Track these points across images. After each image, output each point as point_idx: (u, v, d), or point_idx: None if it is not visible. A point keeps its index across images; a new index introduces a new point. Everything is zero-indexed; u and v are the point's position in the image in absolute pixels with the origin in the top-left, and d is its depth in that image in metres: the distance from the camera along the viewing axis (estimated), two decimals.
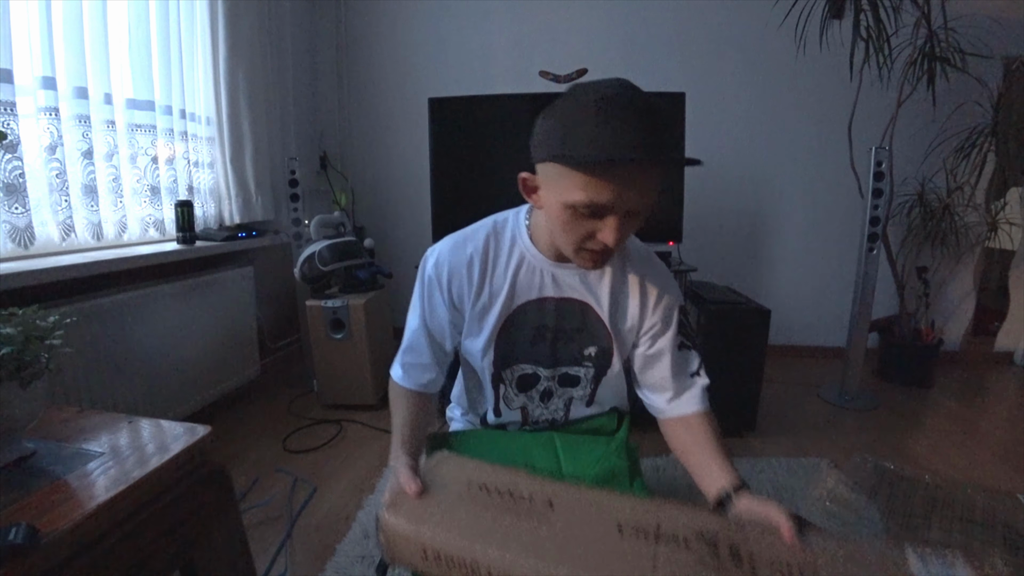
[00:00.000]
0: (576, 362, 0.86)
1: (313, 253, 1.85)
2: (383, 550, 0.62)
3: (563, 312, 0.83)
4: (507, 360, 0.86)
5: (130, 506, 0.62)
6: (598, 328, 0.84)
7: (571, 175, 0.64)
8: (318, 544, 1.19)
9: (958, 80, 2.04)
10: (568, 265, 0.81)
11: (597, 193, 0.63)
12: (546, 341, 0.84)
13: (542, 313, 0.83)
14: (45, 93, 1.27)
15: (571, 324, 0.84)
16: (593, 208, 0.65)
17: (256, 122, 1.99)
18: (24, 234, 1.23)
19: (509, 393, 0.90)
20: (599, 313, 0.83)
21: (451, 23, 2.48)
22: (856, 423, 1.85)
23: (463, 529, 0.58)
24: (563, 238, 0.71)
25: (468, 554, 0.56)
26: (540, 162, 0.69)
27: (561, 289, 0.82)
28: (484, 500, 0.62)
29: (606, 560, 0.55)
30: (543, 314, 0.83)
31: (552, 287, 0.82)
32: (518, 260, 0.83)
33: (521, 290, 0.83)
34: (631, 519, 0.59)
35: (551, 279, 0.82)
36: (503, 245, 0.84)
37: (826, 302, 2.53)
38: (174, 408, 1.57)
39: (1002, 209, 2.29)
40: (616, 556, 0.55)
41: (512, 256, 0.83)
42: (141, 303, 1.45)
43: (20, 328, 0.65)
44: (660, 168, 0.65)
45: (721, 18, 2.35)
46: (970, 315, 2.49)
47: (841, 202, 2.37)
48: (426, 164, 1.86)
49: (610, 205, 0.64)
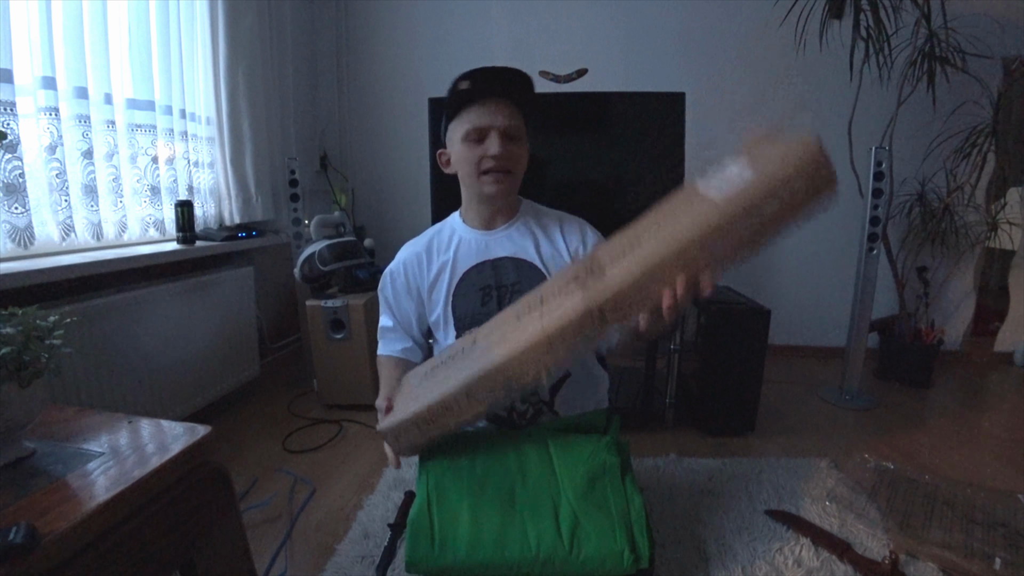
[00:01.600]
0: None
1: (313, 253, 1.85)
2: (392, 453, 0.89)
3: (499, 270, 1.01)
4: (463, 322, 1.02)
5: (130, 506, 0.62)
6: (534, 275, 1.00)
7: (458, 122, 0.96)
8: (318, 544, 1.19)
9: (958, 80, 2.04)
10: (495, 231, 1.04)
11: (475, 118, 0.93)
12: (493, 300, 1.00)
13: (482, 275, 1.02)
14: (45, 93, 1.27)
15: (508, 279, 1.01)
16: (477, 131, 0.93)
17: (256, 122, 1.99)
18: (24, 234, 1.23)
19: None
20: (531, 262, 1.01)
21: (451, 23, 2.48)
22: (856, 423, 1.85)
23: (429, 393, 0.80)
24: (469, 171, 0.97)
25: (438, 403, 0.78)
26: (445, 136, 1.01)
27: (493, 251, 1.03)
28: (434, 373, 0.86)
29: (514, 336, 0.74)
30: (483, 276, 1.01)
31: (486, 252, 1.03)
32: (457, 240, 1.05)
33: (461, 261, 1.03)
34: (524, 308, 0.79)
35: (484, 246, 1.03)
36: (444, 234, 1.08)
37: (826, 302, 2.53)
38: (174, 408, 1.57)
39: (1002, 209, 2.29)
40: (519, 329, 0.75)
41: (452, 239, 1.06)
42: (141, 303, 1.45)
43: (20, 328, 0.65)
44: (508, 97, 0.94)
45: (721, 18, 2.35)
46: (970, 315, 2.49)
47: (841, 202, 2.35)
48: (426, 164, 1.85)
49: (486, 126, 0.93)
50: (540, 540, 0.79)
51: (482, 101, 0.93)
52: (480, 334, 0.83)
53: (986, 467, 1.54)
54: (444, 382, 0.79)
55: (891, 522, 1.19)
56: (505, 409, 1.01)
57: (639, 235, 0.71)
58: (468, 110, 0.94)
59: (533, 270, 1.00)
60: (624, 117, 1.81)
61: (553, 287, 0.77)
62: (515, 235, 1.03)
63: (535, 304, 0.77)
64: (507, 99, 0.95)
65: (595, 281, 0.69)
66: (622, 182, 1.82)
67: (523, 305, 0.79)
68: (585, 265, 0.74)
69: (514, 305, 0.82)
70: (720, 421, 1.74)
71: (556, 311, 0.71)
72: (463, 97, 0.94)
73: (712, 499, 1.33)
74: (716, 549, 1.14)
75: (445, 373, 0.81)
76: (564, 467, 0.86)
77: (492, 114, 0.93)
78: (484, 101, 0.93)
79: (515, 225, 1.05)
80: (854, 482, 1.38)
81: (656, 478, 1.43)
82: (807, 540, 1.15)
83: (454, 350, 0.86)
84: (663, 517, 1.25)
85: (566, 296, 0.71)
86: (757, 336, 1.67)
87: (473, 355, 0.78)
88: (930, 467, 1.52)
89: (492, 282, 1.01)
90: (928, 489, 1.33)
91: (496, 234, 1.04)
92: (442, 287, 1.04)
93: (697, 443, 1.67)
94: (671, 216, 0.69)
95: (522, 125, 0.97)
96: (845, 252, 2.39)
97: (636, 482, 0.87)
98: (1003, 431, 1.80)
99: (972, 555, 1.07)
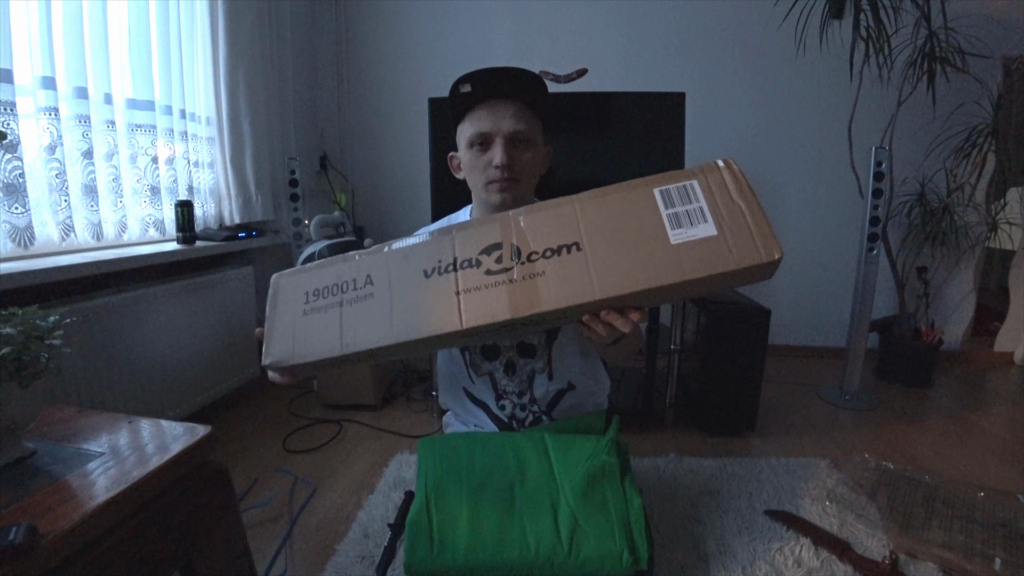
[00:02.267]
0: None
1: (313, 253, 1.85)
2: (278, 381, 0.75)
3: None
4: None
5: (130, 506, 0.62)
6: None
7: (463, 126, 0.91)
8: (318, 544, 1.19)
9: (958, 80, 2.04)
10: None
11: (478, 123, 0.88)
12: None
13: None
14: (45, 93, 1.27)
15: None
16: (482, 137, 0.88)
17: (256, 122, 1.98)
18: (24, 234, 1.23)
19: (476, 359, 1.01)
20: None
21: (451, 23, 2.48)
22: (856, 423, 1.85)
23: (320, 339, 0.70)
24: (476, 178, 0.92)
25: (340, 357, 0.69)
26: (457, 141, 0.95)
27: None
28: (326, 307, 0.72)
29: (422, 302, 0.67)
30: None
31: None
32: None
33: None
34: (433, 263, 0.70)
35: None
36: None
37: (826, 302, 2.53)
38: (174, 408, 1.57)
39: (1002, 209, 2.29)
40: (427, 293, 0.68)
41: None
42: (141, 303, 1.45)
43: (20, 328, 0.65)
44: (515, 99, 0.88)
45: (721, 18, 2.35)
46: (970, 315, 2.49)
47: (841, 202, 2.37)
48: (426, 164, 1.86)
49: (491, 131, 0.87)
50: (539, 541, 0.78)
51: (486, 104, 0.87)
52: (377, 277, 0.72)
53: (986, 467, 1.54)
54: (348, 330, 0.69)
55: (891, 522, 1.19)
56: (506, 416, 1.01)
57: (583, 235, 0.65)
58: (473, 113, 0.89)
59: None
60: (624, 117, 1.81)
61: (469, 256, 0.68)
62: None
63: (446, 267, 0.68)
64: (514, 100, 0.88)
65: (525, 288, 0.64)
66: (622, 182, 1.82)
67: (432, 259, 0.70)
68: (515, 249, 0.66)
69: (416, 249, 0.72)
70: (720, 421, 1.74)
71: (477, 306, 0.64)
72: (466, 100, 0.88)
73: (712, 499, 1.33)
74: (716, 549, 1.14)
75: (350, 316, 0.70)
76: (563, 468, 0.86)
77: (497, 118, 0.87)
78: (489, 103, 0.87)
79: None
80: (854, 482, 1.38)
81: (656, 478, 1.43)
82: (807, 540, 1.15)
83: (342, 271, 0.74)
84: (663, 517, 1.25)
85: (490, 290, 0.65)
86: (757, 336, 1.67)
87: (382, 307, 0.69)
88: (930, 467, 1.52)
89: None
90: (928, 489, 1.33)
91: None
92: None
93: (697, 443, 1.67)
94: (622, 237, 0.64)
95: (535, 127, 0.91)
96: (845, 252, 2.39)
97: (635, 483, 0.87)
98: (1003, 431, 1.80)
99: (972, 555, 1.07)
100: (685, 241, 0.62)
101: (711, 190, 0.65)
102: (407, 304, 0.68)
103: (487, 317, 0.64)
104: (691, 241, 0.62)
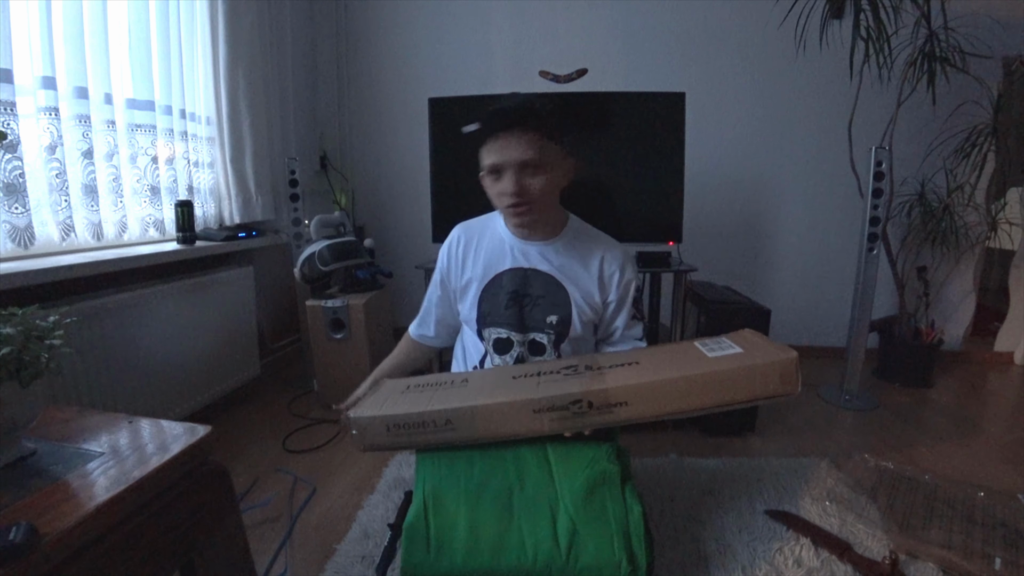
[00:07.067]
0: (540, 328, 1.06)
1: (313, 253, 1.85)
2: (355, 441, 0.90)
3: (530, 280, 1.05)
4: (486, 319, 1.07)
5: (130, 506, 0.62)
6: (559, 296, 1.04)
7: (481, 154, 0.98)
8: (318, 544, 1.19)
9: (958, 80, 2.03)
10: (531, 241, 1.06)
11: (489, 155, 0.95)
12: (517, 306, 1.05)
13: (514, 281, 1.05)
14: (45, 93, 1.27)
15: (536, 291, 1.05)
16: (493, 167, 0.95)
17: (256, 122, 1.98)
18: (24, 234, 1.23)
19: (489, 350, 1.10)
20: (560, 282, 1.04)
21: (451, 23, 2.47)
22: (856, 423, 1.85)
23: (409, 404, 0.88)
24: (496, 203, 1.00)
25: (416, 415, 0.85)
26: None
27: (529, 261, 1.06)
28: (419, 389, 0.94)
29: (507, 389, 0.86)
30: (515, 281, 1.05)
31: (522, 259, 1.06)
32: (495, 240, 1.09)
33: (497, 262, 1.07)
34: (521, 372, 0.92)
35: (521, 253, 1.06)
36: (486, 230, 1.11)
37: (826, 302, 2.53)
38: (174, 408, 1.57)
39: (1002, 209, 2.29)
40: (514, 386, 0.87)
41: (492, 238, 1.09)
42: (141, 303, 1.45)
43: (20, 328, 0.65)
44: (520, 128, 0.93)
45: (721, 18, 2.35)
46: (970, 315, 2.49)
47: (841, 202, 2.37)
48: (426, 164, 1.85)
49: (500, 162, 0.94)
50: (537, 548, 0.78)
51: (495, 137, 0.95)
52: (474, 377, 0.94)
53: (986, 467, 1.54)
54: (427, 402, 0.87)
55: (891, 522, 1.19)
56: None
57: (638, 358, 0.89)
58: (486, 145, 0.96)
59: (560, 290, 1.04)
60: (624, 117, 1.81)
61: (552, 367, 0.91)
62: (553, 253, 1.06)
63: (532, 374, 0.90)
64: (521, 128, 0.93)
65: (594, 377, 0.84)
66: (622, 182, 1.82)
67: (521, 370, 0.93)
68: (585, 363, 0.90)
69: (513, 367, 0.96)
70: (720, 421, 1.73)
71: (552, 386, 0.83)
72: (476, 136, 0.96)
73: (712, 499, 1.33)
74: (716, 549, 1.14)
75: (430, 394, 0.89)
76: (563, 474, 0.85)
77: (505, 150, 0.93)
78: (497, 136, 0.94)
79: (558, 243, 1.07)
80: (854, 482, 1.38)
81: (656, 478, 1.43)
82: (807, 540, 1.15)
83: (443, 380, 0.95)
84: (663, 517, 1.25)
85: (564, 379, 0.85)
86: None
87: (463, 391, 0.88)
88: (930, 467, 1.52)
89: (521, 289, 1.05)
90: (928, 489, 1.33)
91: (537, 245, 1.06)
92: (474, 283, 1.09)
93: (697, 443, 1.67)
94: (669, 357, 0.88)
95: (547, 150, 0.96)
96: (845, 252, 2.39)
97: (636, 491, 0.86)
98: (1003, 431, 1.80)
99: (972, 555, 1.07)
100: (718, 356, 0.85)
101: (738, 338, 0.91)
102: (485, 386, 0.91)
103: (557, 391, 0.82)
104: (723, 356, 0.85)
